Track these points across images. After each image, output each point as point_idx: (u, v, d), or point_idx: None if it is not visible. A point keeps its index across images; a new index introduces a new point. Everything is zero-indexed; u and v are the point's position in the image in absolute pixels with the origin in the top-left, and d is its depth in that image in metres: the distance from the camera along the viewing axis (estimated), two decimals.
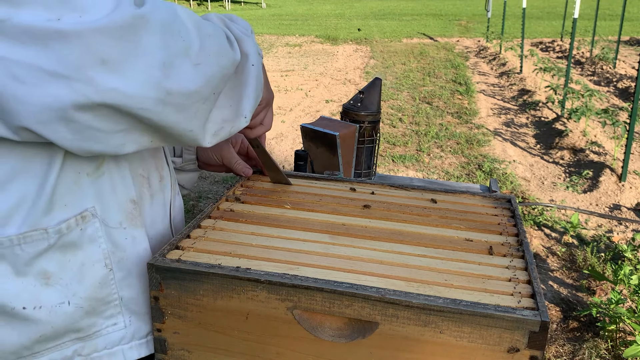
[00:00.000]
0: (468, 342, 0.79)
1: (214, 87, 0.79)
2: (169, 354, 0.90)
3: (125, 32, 0.67)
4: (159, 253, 0.88)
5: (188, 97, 0.75)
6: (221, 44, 0.80)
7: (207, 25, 0.79)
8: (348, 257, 0.92)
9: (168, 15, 0.73)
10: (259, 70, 0.89)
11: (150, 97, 0.71)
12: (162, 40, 0.71)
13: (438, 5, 24.24)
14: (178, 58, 0.73)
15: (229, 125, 0.87)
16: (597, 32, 10.98)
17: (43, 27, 0.63)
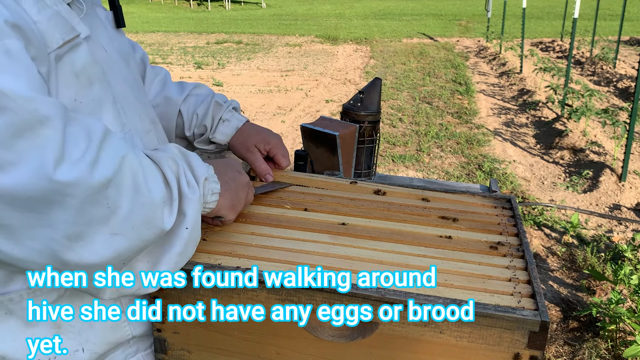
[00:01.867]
0: (468, 342, 0.78)
1: (125, 259, 0.72)
2: (169, 354, 0.90)
3: (34, 203, 0.61)
4: None
5: (89, 268, 0.70)
6: (154, 215, 0.72)
7: (146, 186, 0.72)
8: (348, 257, 0.92)
9: (101, 180, 0.65)
10: (193, 233, 0.79)
11: (42, 264, 0.67)
12: (78, 213, 0.64)
13: (438, 5, 24.23)
14: (92, 227, 0.66)
15: (135, 286, 0.78)
16: (597, 32, 10.98)
17: None
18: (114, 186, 0.67)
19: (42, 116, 0.62)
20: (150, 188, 0.72)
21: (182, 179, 0.78)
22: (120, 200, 0.68)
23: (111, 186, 0.67)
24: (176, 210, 0.76)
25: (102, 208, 0.66)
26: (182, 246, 0.78)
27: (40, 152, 0.61)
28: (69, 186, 0.62)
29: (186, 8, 26.00)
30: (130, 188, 0.69)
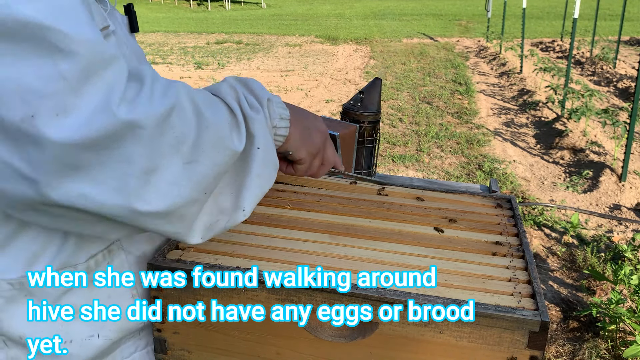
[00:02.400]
0: (468, 342, 0.78)
1: (205, 188, 0.71)
2: (169, 354, 0.90)
3: (106, 140, 0.61)
4: (159, 253, 0.88)
5: (171, 205, 0.68)
6: (221, 137, 0.72)
7: (208, 110, 0.71)
8: (348, 257, 0.92)
9: (163, 109, 0.65)
10: (266, 152, 0.78)
11: (124, 207, 0.65)
12: (149, 146, 0.64)
13: (438, 5, 24.23)
14: (165, 158, 0.66)
15: (225, 218, 0.77)
16: (597, 32, 10.98)
17: (17, 126, 0.59)
18: (176, 114, 0.67)
19: (107, 58, 0.63)
20: (212, 112, 0.72)
21: (243, 101, 0.77)
22: (185, 128, 0.68)
23: (173, 115, 0.66)
24: (244, 133, 0.75)
25: (170, 137, 0.66)
26: (259, 168, 0.77)
27: (106, 93, 0.62)
28: (134, 121, 0.63)
29: (186, 8, 26.00)
30: (192, 115, 0.69)
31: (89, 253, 0.81)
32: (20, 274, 0.77)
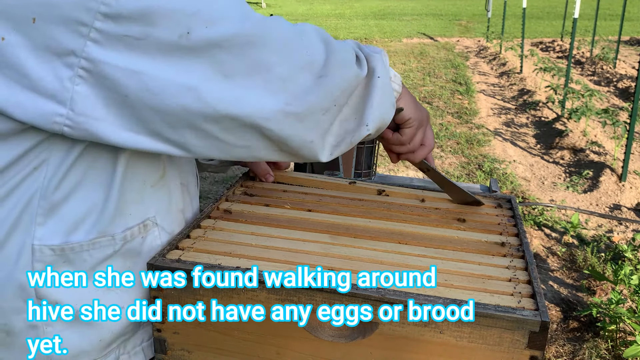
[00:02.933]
0: (468, 342, 0.78)
1: (335, 99, 0.81)
2: (169, 354, 0.90)
3: (247, 47, 0.71)
4: (159, 253, 0.88)
5: (307, 108, 0.77)
6: (347, 58, 0.82)
7: (336, 42, 0.82)
8: (348, 257, 0.92)
9: (293, 32, 0.76)
10: (385, 83, 0.88)
11: (270, 109, 0.74)
12: (284, 55, 0.74)
13: (438, 5, 24.23)
14: (300, 72, 0.76)
15: (350, 135, 0.87)
16: (597, 32, 10.98)
17: (175, 43, 0.67)
18: (306, 37, 0.78)
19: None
20: (338, 43, 0.83)
21: (362, 46, 0.90)
22: (315, 49, 0.78)
23: (304, 36, 0.78)
24: (365, 66, 0.86)
25: (303, 54, 0.77)
26: (380, 93, 0.87)
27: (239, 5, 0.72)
28: (270, 27, 0.74)
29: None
30: (320, 39, 0.80)
31: (126, 225, 0.84)
32: (62, 241, 0.78)
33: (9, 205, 0.75)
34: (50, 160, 0.74)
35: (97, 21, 0.64)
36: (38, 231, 0.77)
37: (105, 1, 0.64)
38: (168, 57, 0.68)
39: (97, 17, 0.64)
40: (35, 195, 0.75)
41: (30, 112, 0.67)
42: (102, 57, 0.66)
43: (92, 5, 0.63)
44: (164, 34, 0.66)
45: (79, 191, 0.78)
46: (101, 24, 0.64)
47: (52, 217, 0.77)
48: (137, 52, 0.67)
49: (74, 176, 0.77)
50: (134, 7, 0.65)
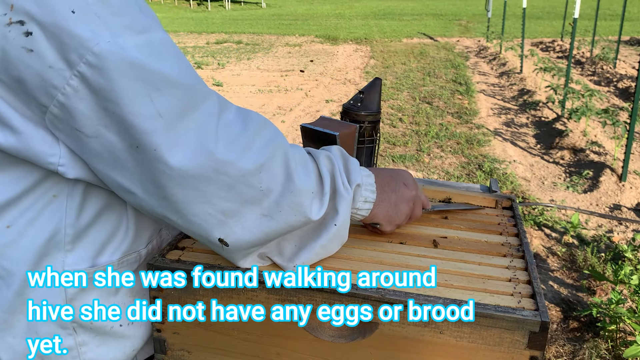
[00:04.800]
0: (468, 342, 0.78)
1: (271, 238, 0.79)
2: (169, 354, 0.90)
3: (194, 180, 0.68)
4: (159, 253, 0.88)
5: (238, 246, 0.77)
6: (302, 203, 0.77)
7: (298, 175, 0.76)
8: (348, 257, 0.92)
9: (255, 164, 0.71)
10: (339, 232, 0.84)
11: (200, 236, 0.75)
12: (233, 191, 0.71)
13: (438, 5, 24.23)
14: (246, 207, 0.73)
15: (278, 260, 0.84)
16: (598, 32, 10.98)
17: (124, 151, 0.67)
18: (266, 171, 0.72)
19: (202, 96, 0.69)
20: (301, 177, 0.77)
21: (337, 177, 0.82)
22: (272, 185, 0.73)
23: (263, 171, 0.72)
24: (326, 205, 0.80)
25: (255, 191, 0.72)
26: (327, 240, 0.83)
27: (202, 132, 0.67)
28: (225, 164, 0.69)
29: (186, 8, 26.00)
30: (281, 175, 0.74)
31: (148, 238, 0.87)
32: (90, 264, 0.80)
33: (32, 235, 0.75)
34: (67, 189, 0.75)
35: (55, 107, 0.65)
36: (68, 258, 0.78)
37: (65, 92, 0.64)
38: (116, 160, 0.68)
39: (55, 104, 0.65)
40: (60, 224, 0.76)
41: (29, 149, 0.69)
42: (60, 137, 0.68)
43: (52, 93, 0.64)
44: (115, 139, 0.66)
45: (102, 215, 0.79)
46: (58, 111, 0.65)
47: (80, 243, 0.78)
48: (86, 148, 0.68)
49: (95, 200, 0.78)
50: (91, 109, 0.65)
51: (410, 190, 0.96)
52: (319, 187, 0.80)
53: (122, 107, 0.64)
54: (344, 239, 0.86)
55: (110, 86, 0.63)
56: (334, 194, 0.81)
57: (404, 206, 0.95)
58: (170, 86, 0.66)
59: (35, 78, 0.63)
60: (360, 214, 0.89)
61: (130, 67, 0.63)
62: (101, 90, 0.63)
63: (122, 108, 0.64)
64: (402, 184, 0.95)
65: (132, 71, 0.63)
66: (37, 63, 0.62)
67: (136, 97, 0.64)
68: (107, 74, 0.62)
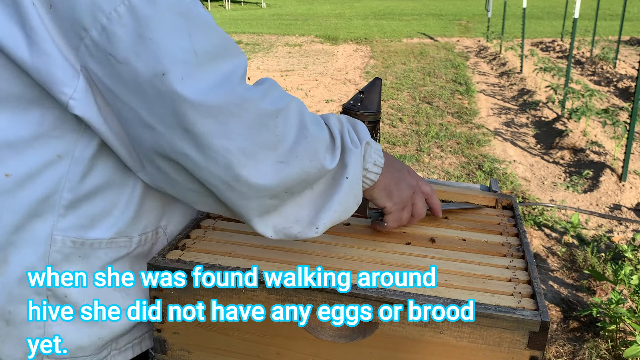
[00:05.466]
0: (468, 342, 0.78)
1: (288, 187, 0.78)
2: (169, 354, 0.90)
3: (216, 112, 0.70)
4: (159, 253, 0.88)
5: (256, 190, 0.75)
6: (316, 149, 0.78)
7: (312, 126, 0.78)
8: (348, 257, 0.92)
9: (272, 108, 0.74)
10: (352, 185, 0.83)
11: (217, 176, 0.73)
12: (252, 130, 0.72)
13: (438, 5, 24.23)
14: (262, 151, 0.74)
15: (297, 228, 0.82)
16: (598, 32, 10.97)
17: (148, 80, 0.68)
18: (282, 117, 0.75)
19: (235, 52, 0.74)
20: (315, 129, 0.79)
21: (345, 134, 0.84)
22: (287, 131, 0.75)
23: (280, 116, 0.75)
24: (338, 157, 0.82)
25: (271, 134, 0.74)
26: (343, 196, 0.82)
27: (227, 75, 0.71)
28: (246, 101, 0.71)
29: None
30: (296, 123, 0.77)
31: (144, 229, 0.87)
32: (80, 235, 0.80)
33: (29, 189, 0.77)
34: (74, 153, 0.77)
35: (95, 31, 0.68)
36: (60, 222, 0.79)
37: (111, 17, 0.67)
38: (138, 89, 0.69)
39: (96, 28, 0.67)
40: (59, 185, 0.77)
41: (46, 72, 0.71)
42: (90, 65, 0.70)
43: (98, 16, 0.67)
44: (141, 66, 0.68)
45: (103, 189, 0.80)
46: (97, 35, 0.68)
47: (74, 211, 0.79)
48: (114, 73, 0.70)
49: (99, 174, 0.79)
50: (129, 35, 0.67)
51: (412, 178, 0.98)
52: (330, 140, 0.82)
53: (161, 35, 0.67)
54: (359, 196, 0.85)
55: (156, 15, 0.67)
56: (344, 150, 0.83)
57: (405, 187, 0.95)
58: (210, 31, 0.71)
59: (87, 1, 0.67)
60: (370, 177, 0.88)
61: (179, 3, 0.69)
62: (145, 18, 0.67)
63: (161, 36, 0.67)
64: (405, 170, 0.97)
65: (180, 7, 0.69)
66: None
67: (177, 30, 0.68)
68: (155, 5, 0.67)
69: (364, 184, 0.89)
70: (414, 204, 0.98)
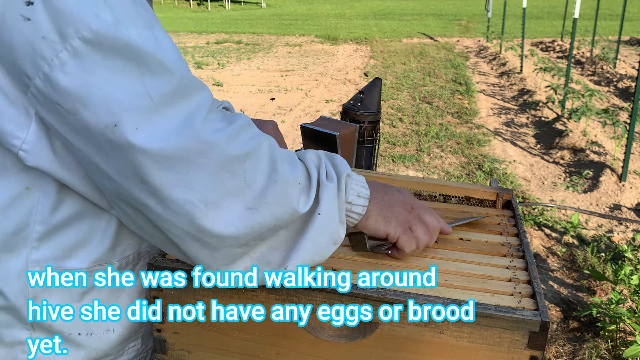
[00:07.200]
0: (468, 342, 0.78)
1: (258, 235, 0.73)
2: (169, 354, 0.90)
3: (175, 162, 0.65)
4: (159, 253, 0.88)
5: (221, 240, 0.71)
6: (287, 193, 0.73)
7: (284, 167, 0.74)
8: (348, 257, 0.92)
9: (240, 151, 0.69)
10: (326, 222, 0.78)
11: (179, 227, 0.69)
12: (216, 178, 0.68)
13: (438, 5, 24.24)
14: (229, 198, 0.69)
15: (267, 269, 0.77)
16: (597, 32, 10.97)
17: (100, 132, 0.64)
18: (251, 160, 0.70)
19: (196, 89, 0.69)
20: (287, 169, 0.74)
21: (322, 170, 0.79)
22: (256, 175, 0.70)
23: (248, 160, 0.70)
24: (313, 197, 0.77)
25: (239, 180, 0.69)
26: (315, 233, 0.77)
27: (189, 117, 0.66)
28: (210, 147, 0.66)
29: (186, 8, 26.02)
30: (267, 166, 0.72)
31: (124, 254, 0.84)
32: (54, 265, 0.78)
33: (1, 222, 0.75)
34: (42, 185, 0.74)
35: (38, 79, 0.64)
36: (34, 255, 0.77)
37: (52, 65, 0.62)
38: (89, 140, 0.66)
39: (39, 76, 0.63)
40: (29, 218, 0.75)
41: None
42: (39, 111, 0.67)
43: (39, 64, 0.63)
44: (91, 118, 0.64)
45: (77, 219, 0.78)
46: (40, 83, 0.64)
47: (48, 242, 0.77)
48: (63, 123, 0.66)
49: (71, 204, 0.77)
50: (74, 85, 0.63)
51: (404, 196, 0.92)
52: (306, 181, 0.77)
53: (110, 82, 0.63)
54: (334, 234, 0.79)
55: (103, 60, 0.62)
56: (318, 186, 0.78)
57: (399, 209, 0.90)
58: (166, 73, 0.65)
59: (26, 47, 0.62)
60: (356, 210, 0.83)
61: (126, 48, 0.63)
62: (91, 64, 0.62)
63: (110, 83, 0.63)
64: (395, 190, 0.92)
65: (128, 52, 0.63)
66: (32, 32, 0.62)
67: (127, 76, 0.63)
68: (101, 50, 0.62)
69: (352, 219, 0.84)
70: (424, 219, 0.91)
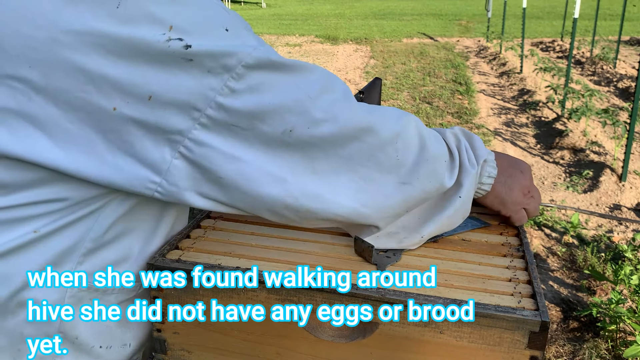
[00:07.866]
0: (468, 342, 0.78)
1: (409, 207, 0.82)
2: (169, 354, 0.90)
3: (341, 146, 0.74)
4: (159, 253, 0.88)
5: (380, 212, 0.80)
6: (436, 170, 0.82)
7: (433, 146, 0.81)
8: (348, 257, 0.92)
9: (391, 132, 0.76)
10: (464, 204, 0.88)
11: (346, 207, 0.77)
12: (373, 158, 0.76)
13: (438, 5, 24.24)
14: (385, 175, 0.77)
15: (403, 234, 0.87)
16: (598, 32, 10.97)
17: (277, 138, 0.71)
18: (402, 141, 0.78)
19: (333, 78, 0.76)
20: (435, 147, 0.81)
21: (463, 152, 0.87)
22: (408, 154, 0.78)
23: (400, 140, 0.77)
24: (456, 176, 0.85)
25: (393, 158, 0.77)
26: (452, 212, 0.87)
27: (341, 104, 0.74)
28: (366, 133, 0.74)
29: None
30: (416, 144, 0.79)
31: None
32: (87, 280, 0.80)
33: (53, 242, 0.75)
34: (106, 207, 0.76)
35: (211, 109, 0.68)
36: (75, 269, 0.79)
37: (223, 93, 0.67)
38: (268, 148, 0.72)
39: (212, 106, 0.68)
40: (84, 237, 0.77)
41: (126, 176, 0.70)
42: (207, 140, 0.70)
43: (209, 95, 0.67)
44: (269, 129, 0.71)
45: (122, 238, 0.81)
46: (213, 112, 0.68)
47: (91, 258, 0.79)
48: (240, 140, 0.71)
49: (123, 223, 0.79)
50: (248, 105, 0.69)
51: (525, 179, 0.98)
52: (450, 157, 0.84)
53: (277, 97, 0.70)
54: (467, 212, 0.90)
55: (266, 81, 0.69)
56: (461, 169, 0.86)
57: (517, 191, 0.97)
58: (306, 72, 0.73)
59: (194, 82, 0.66)
60: (483, 188, 0.92)
61: (272, 64, 0.70)
62: (257, 87, 0.69)
63: (278, 97, 0.70)
64: (518, 171, 0.98)
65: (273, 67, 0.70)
66: (197, 69, 0.66)
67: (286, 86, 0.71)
68: (261, 73, 0.69)
69: (477, 194, 0.93)
70: (528, 205, 0.99)
